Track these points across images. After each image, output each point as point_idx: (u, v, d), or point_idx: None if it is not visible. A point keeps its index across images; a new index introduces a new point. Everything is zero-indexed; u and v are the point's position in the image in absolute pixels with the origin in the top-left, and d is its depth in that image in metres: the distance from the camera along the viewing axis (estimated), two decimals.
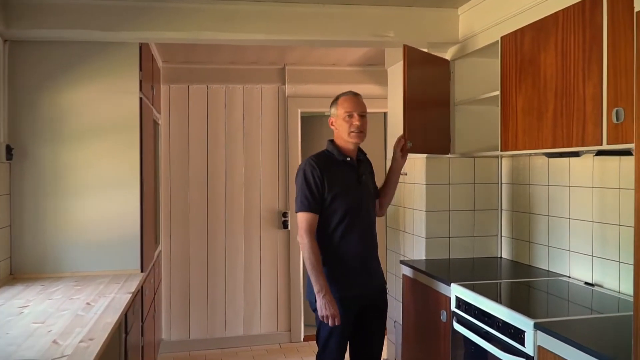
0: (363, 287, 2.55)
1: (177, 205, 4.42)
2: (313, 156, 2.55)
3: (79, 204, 2.96)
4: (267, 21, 2.92)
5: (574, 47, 2.15)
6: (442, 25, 3.09)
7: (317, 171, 2.47)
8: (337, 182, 2.49)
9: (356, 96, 2.56)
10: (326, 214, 2.49)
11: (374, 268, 2.63)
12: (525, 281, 2.69)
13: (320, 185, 2.46)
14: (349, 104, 2.53)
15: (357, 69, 4.63)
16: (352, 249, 2.52)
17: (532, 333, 1.95)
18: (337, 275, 2.50)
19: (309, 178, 2.46)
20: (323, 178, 2.47)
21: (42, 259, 2.93)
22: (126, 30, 2.79)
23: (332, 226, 2.49)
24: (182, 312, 4.45)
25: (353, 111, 2.51)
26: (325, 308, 2.39)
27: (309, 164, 2.49)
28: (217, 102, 4.49)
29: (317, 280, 2.41)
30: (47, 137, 2.93)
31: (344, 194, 2.50)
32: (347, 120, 2.50)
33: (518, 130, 2.53)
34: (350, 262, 2.52)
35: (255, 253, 4.55)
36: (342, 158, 2.55)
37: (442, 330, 2.69)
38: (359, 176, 2.56)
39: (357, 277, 2.53)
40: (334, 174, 2.50)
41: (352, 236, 2.51)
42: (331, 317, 2.40)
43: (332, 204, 2.48)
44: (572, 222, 2.67)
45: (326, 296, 2.40)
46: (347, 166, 2.55)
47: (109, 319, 2.10)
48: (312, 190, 2.45)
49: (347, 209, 2.49)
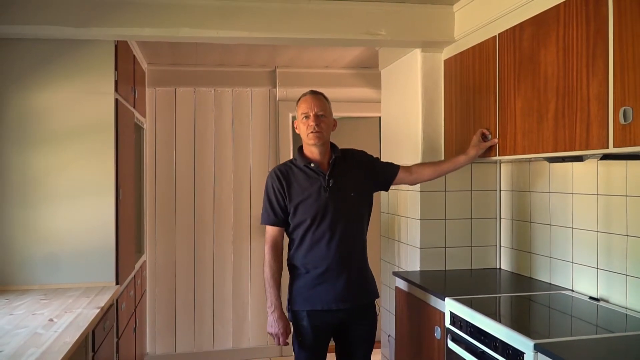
0: (336, 301, 2.35)
1: (162, 213, 4.24)
2: (278, 166, 2.47)
3: (49, 212, 2.79)
4: (251, 18, 2.75)
5: (577, 42, 1.98)
6: (437, 23, 2.92)
7: (277, 182, 2.38)
8: (298, 191, 2.37)
9: (314, 95, 2.41)
10: (293, 225, 2.38)
11: (354, 281, 2.39)
12: (526, 295, 2.51)
13: (281, 196, 2.37)
14: (305, 104, 2.39)
15: (351, 71, 4.47)
16: (321, 260, 2.34)
17: (532, 355, 1.77)
18: (305, 287, 2.36)
19: (269, 190, 2.40)
20: (283, 189, 2.37)
21: (9, 270, 2.75)
22: (99, 26, 2.61)
23: (299, 237, 2.38)
24: (167, 325, 4.26)
25: (309, 111, 2.37)
26: (271, 325, 2.36)
27: (271, 175, 2.43)
28: (205, 106, 4.32)
29: (269, 296, 2.36)
30: (15, 141, 2.75)
31: (307, 203, 2.34)
32: (304, 121, 2.38)
33: (517, 134, 2.35)
34: (319, 273, 2.34)
35: (245, 263, 4.37)
36: (305, 164, 2.39)
37: (436, 348, 2.51)
38: (326, 181, 2.37)
39: (328, 290, 2.34)
40: (295, 183, 2.38)
41: (320, 246, 2.34)
42: (275, 336, 2.36)
43: (296, 214, 2.36)
44: (576, 232, 2.49)
45: (275, 312, 2.35)
46: (312, 172, 2.39)
47: (68, 338, 1.92)
48: (272, 202, 2.38)
49: (312, 219, 2.33)
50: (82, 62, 2.81)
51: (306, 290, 2.36)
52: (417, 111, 3.08)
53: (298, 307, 2.36)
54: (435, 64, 3.06)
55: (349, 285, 2.37)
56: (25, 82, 2.76)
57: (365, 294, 2.44)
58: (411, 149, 3.16)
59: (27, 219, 2.77)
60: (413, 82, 3.14)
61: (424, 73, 3.05)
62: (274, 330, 2.35)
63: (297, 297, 2.37)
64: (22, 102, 2.76)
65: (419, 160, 3.03)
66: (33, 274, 2.77)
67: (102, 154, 2.84)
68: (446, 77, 3.02)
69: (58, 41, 2.77)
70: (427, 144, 3.04)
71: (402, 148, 3.30)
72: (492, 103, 2.54)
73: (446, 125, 3.02)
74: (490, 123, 2.55)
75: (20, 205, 2.76)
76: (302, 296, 2.36)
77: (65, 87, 2.80)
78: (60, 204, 2.80)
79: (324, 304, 2.34)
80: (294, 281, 2.41)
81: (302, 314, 2.35)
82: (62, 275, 2.79)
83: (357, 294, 2.40)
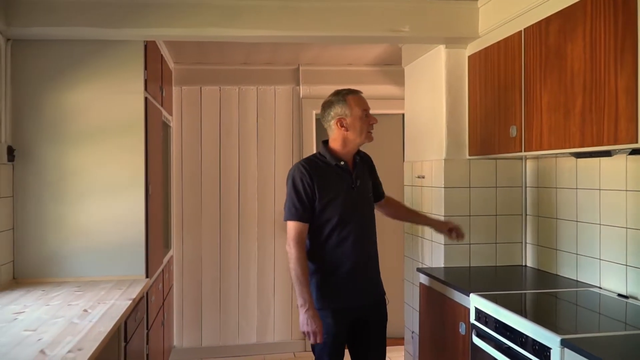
0: (358, 299, 2.38)
1: (189, 209, 4.32)
2: (303, 160, 2.41)
3: (82, 207, 2.87)
4: (275, 17, 2.80)
5: (605, 35, 1.97)
6: (461, 19, 2.92)
7: (307, 177, 2.32)
8: (329, 188, 2.34)
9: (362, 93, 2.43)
10: (318, 222, 2.34)
11: (372, 279, 2.45)
12: (552, 292, 2.50)
13: (310, 192, 2.31)
14: (364, 102, 2.39)
15: (374, 68, 4.48)
16: (346, 259, 2.35)
17: (559, 350, 1.76)
18: (330, 286, 2.36)
19: (298, 185, 2.32)
20: (313, 185, 2.32)
21: (45, 263, 2.84)
22: (129, 27, 2.69)
23: (324, 235, 2.35)
24: (194, 319, 4.34)
25: (368, 109, 2.38)
26: (307, 324, 2.27)
27: (299, 170, 2.35)
28: (229, 104, 4.39)
29: (301, 294, 2.28)
30: (50, 139, 2.84)
31: (337, 201, 2.34)
32: (364, 119, 2.36)
33: (543, 129, 2.34)
34: (344, 272, 2.35)
35: (269, 258, 4.43)
36: (335, 162, 2.38)
37: (460, 344, 2.51)
38: (353, 181, 2.39)
39: (351, 288, 2.37)
40: (325, 180, 2.34)
41: (346, 245, 2.35)
42: (312, 334, 2.27)
43: (324, 211, 2.33)
44: (603, 229, 2.47)
45: (309, 311, 2.26)
46: (341, 171, 2.39)
47: (102, 328, 1.98)
48: (302, 198, 2.31)
49: (340, 217, 2.33)
50: (114, 62, 2.89)
51: (330, 288, 2.36)
52: (442, 107, 3.08)
53: (322, 306, 2.35)
54: (459, 59, 3.06)
55: (368, 283, 2.43)
56: (59, 82, 2.85)
57: (379, 290, 2.50)
58: (435, 145, 3.16)
59: (62, 214, 2.86)
60: (437, 79, 3.14)
61: (448, 69, 3.05)
62: (309, 329, 2.27)
63: (322, 295, 2.35)
64: (56, 102, 2.85)
65: (444, 156, 3.04)
66: (68, 266, 2.86)
67: (132, 152, 2.91)
68: (471, 73, 3.02)
69: (91, 42, 2.86)
70: (451, 140, 3.05)
71: (427, 145, 3.31)
72: (517, 98, 2.53)
73: (470, 121, 3.02)
74: (516, 118, 2.54)
75: (56, 201, 2.85)
76: (326, 294, 2.35)
77: (97, 87, 2.88)
78: (93, 200, 2.88)
79: (348, 301, 2.36)
80: (316, 279, 2.37)
81: (326, 312, 2.34)
82: (95, 268, 2.87)
83: (374, 290, 2.47)
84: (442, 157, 3.06)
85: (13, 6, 2.63)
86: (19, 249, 2.83)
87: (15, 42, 2.80)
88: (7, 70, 2.77)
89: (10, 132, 2.79)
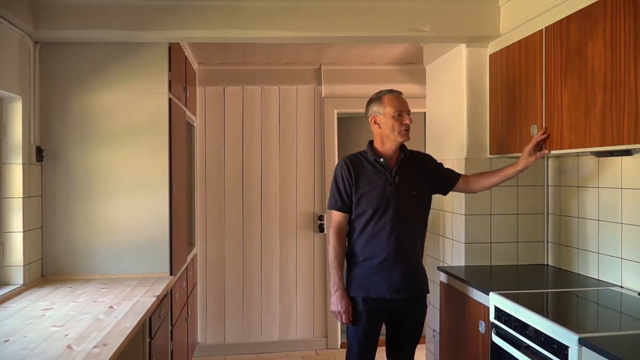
0: (389, 291, 2.46)
1: (212, 208, 4.40)
2: (348, 155, 2.58)
3: (108, 206, 2.95)
4: (297, 18, 2.83)
5: (625, 34, 1.95)
6: (482, 18, 2.91)
7: (346, 171, 2.50)
8: (365, 182, 2.49)
9: (402, 95, 2.54)
10: (356, 214, 2.50)
11: (408, 275, 2.49)
12: (573, 291, 2.48)
13: (348, 185, 2.49)
14: (399, 102, 2.50)
15: (396, 67, 4.48)
16: (380, 252, 2.46)
17: (577, 349, 1.76)
18: (362, 275, 2.48)
19: (338, 177, 2.52)
20: (352, 178, 2.49)
21: (72, 261, 2.93)
22: (154, 30, 2.76)
23: (360, 226, 2.49)
24: (217, 316, 4.42)
25: (404, 110, 2.49)
26: (335, 304, 2.47)
27: (341, 164, 2.54)
28: (252, 104, 4.44)
29: (332, 276, 2.48)
30: (78, 139, 2.93)
31: (371, 195, 2.47)
32: (397, 118, 2.47)
33: (563, 128, 2.33)
34: (376, 263, 2.47)
35: (291, 257, 4.47)
36: (375, 158, 2.50)
37: (480, 343, 2.52)
38: (392, 177, 2.47)
39: (382, 280, 2.46)
40: (363, 175, 2.50)
41: (380, 239, 2.46)
42: (339, 314, 2.46)
43: (359, 203, 2.48)
44: (625, 228, 2.44)
45: (338, 292, 2.46)
46: (380, 167, 2.50)
47: (127, 324, 2.05)
48: (340, 190, 2.51)
49: (374, 211, 2.46)
50: (139, 63, 2.96)
51: (362, 277, 2.48)
52: (463, 106, 3.07)
53: (354, 293, 2.48)
54: (480, 58, 3.05)
55: (403, 278, 2.47)
56: (86, 84, 2.93)
57: (417, 288, 2.54)
58: (456, 143, 3.16)
59: (89, 213, 2.95)
60: (458, 77, 3.13)
61: (469, 68, 3.05)
62: (337, 309, 2.46)
63: (354, 283, 2.49)
64: (83, 103, 2.94)
65: (464, 155, 3.03)
66: (94, 264, 2.95)
67: (157, 151, 2.98)
68: (492, 72, 3.01)
69: (116, 44, 2.94)
70: (472, 139, 3.04)
71: (447, 143, 3.31)
72: (538, 97, 2.52)
73: (491, 120, 3.01)
74: (536, 117, 2.53)
75: (83, 199, 2.94)
76: (359, 283, 2.48)
77: (123, 88, 2.96)
78: (119, 199, 2.96)
79: (379, 292, 2.46)
80: (351, 268, 2.51)
81: (358, 300, 2.48)
82: (121, 265, 2.96)
83: (410, 287, 2.50)
84: (463, 155, 3.05)
85: (41, 10, 2.71)
86: (47, 247, 2.93)
87: (43, 45, 2.89)
88: (36, 73, 2.86)
89: (38, 133, 2.89)
